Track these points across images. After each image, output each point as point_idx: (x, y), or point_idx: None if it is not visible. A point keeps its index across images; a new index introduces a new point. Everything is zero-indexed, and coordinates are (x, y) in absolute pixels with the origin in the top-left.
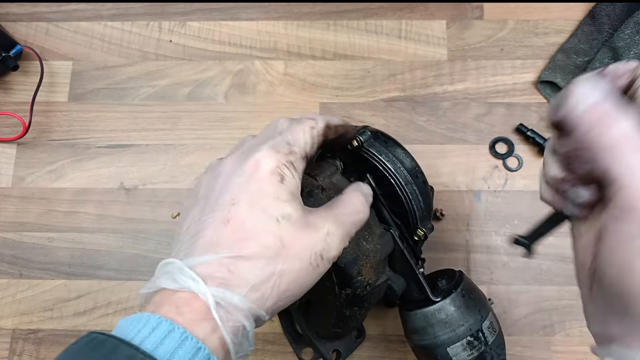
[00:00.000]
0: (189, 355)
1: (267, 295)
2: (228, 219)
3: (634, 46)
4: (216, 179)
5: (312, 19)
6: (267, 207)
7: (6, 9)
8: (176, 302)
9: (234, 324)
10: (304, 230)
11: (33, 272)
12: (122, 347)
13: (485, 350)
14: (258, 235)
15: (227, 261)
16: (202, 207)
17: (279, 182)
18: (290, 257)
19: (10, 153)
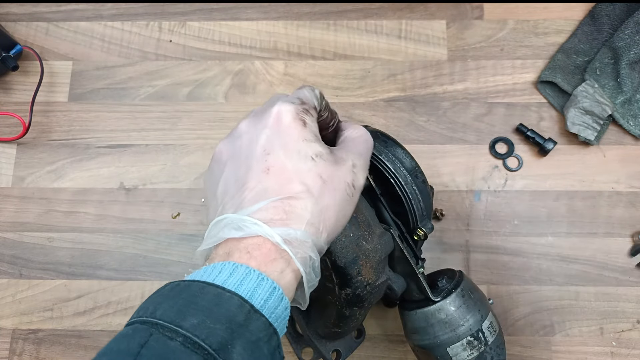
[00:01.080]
0: (266, 294)
1: (321, 228)
2: (268, 167)
3: (634, 46)
4: (238, 140)
5: (312, 19)
6: (301, 149)
7: (6, 9)
8: (246, 248)
9: (302, 256)
10: (336, 165)
11: (33, 272)
12: (208, 287)
13: (485, 350)
14: (300, 175)
15: (280, 204)
16: (233, 167)
17: (302, 126)
18: (331, 191)
19: (10, 153)
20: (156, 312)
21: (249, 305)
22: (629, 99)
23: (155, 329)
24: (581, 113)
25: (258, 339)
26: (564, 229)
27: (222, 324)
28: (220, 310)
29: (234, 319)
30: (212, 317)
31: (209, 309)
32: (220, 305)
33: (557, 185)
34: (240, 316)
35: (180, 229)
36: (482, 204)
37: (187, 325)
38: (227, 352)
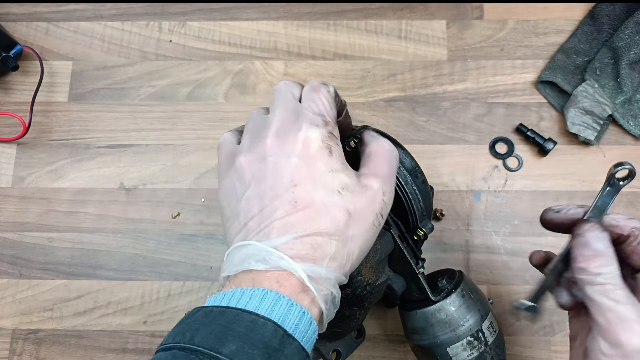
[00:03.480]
0: (297, 319)
1: (344, 262)
2: (295, 200)
3: (634, 46)
4: (261, 162)
5: (312, 19)
6: (327, 182)
7: (6, 9)
8: (275, 278)
9: (324, 293)
10: (363, 195)
11: (33, 272)
12: (243, 314)
13: (485, 350)
14: (328, 210)
15: (307, 239)
16: (258, 190)
17: (329, 155)
18: (357, 224)
19: (10, 153)
20: (194, 338)
21: (282, 330)
22: (629, 99)
23: (195, 355)
24: (581, 113)
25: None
26: None
27: (260, 349)
28: (256, 336)
29: (270, 344)
30: (249, 342)
31: (245, 335)
32: (256, 331)
33: (557, 185)
34: (275, 341)
35: (180, 229)
36: (482, 204)
37: (226, 351)
38: None
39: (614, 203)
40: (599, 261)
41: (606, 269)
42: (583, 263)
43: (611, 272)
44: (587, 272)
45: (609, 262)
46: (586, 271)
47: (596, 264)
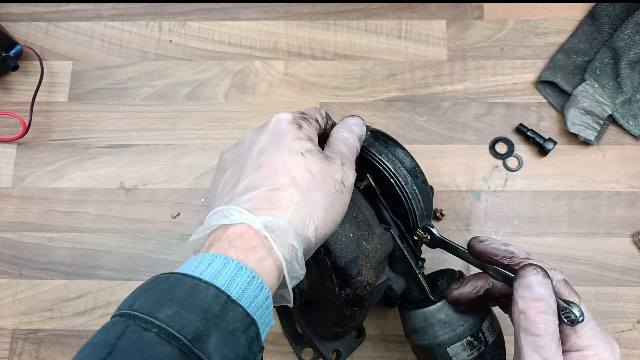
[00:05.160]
0: (244, 284)
1: (307, 220)
2: (260, 164)
3: (634, 46)
4: (240, 146)
5: (312, 19)
6: (292, 146)
7: (6, 9)
8: (228, 237)
9: (283, 244)
10: (325, 161)
11: (33, 272)
12: (185, 279)
13: (485, 350)
14: (289, 169)
15: (266, 194)
16: (233, 169)
17: (297, 129)
18: (319, 186)
19: (10, 153)
20: (134, 304)
21: (225, 295)
22: (629, 99)
23: (132, 320)
24: (581, 113)
25: (234, 329)
26: (564, 229)
27: (198, 315)
28: (195, 301)
29: (210, 310)
30: (187, 307)
31: (184, 300)
32: (196, 296)
33: (557, 185)
34: (216, 307)
35: (180, 229)
36: (482, 204)
37: (162, 316)
38: (202, 342)
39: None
40: (537, 307)
41: (544, 318)
42: (523, 306)
43: (549, 323)
44: (527, 318)
45: (548, 312)
46: (526, 317)
47: (536, 310)
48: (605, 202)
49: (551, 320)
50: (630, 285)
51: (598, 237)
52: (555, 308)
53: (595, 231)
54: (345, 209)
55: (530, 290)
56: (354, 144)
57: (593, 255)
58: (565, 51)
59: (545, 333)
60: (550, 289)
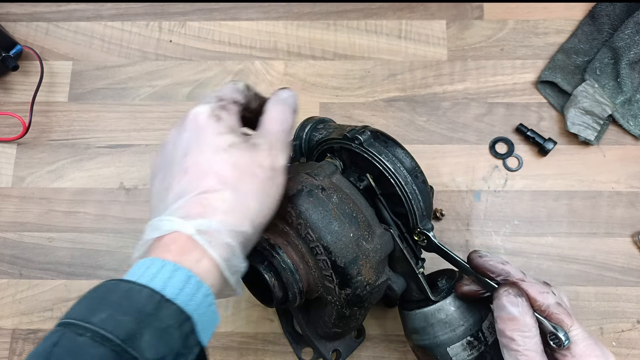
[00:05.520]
0: (181, 284)
1: (242, 216)
2: (186, 168)
3: (634, 46)
4: (164, 149)
5: (312, 19)
6: (214, 142)
7: (6, 9)
8: (163, 244)
9: (218, 244)
10: (251, 151)
11: (33, 272)
12: (120, 284)
13: (485, 350)
14: (214, 168)
15: (195, 199)
16: (162, 175)
17: (216, 122)
18: (249, 177)
19: (10, 153)
20: (72, 313)
21: (159, 295)
22: (629, 99)
23: (68, 328)
24: (581, 113)
25: (168, 326)
26: (564, 229)
27: (131, 316)
28: (129, 303)
29: (143, 310)
30: (121, 310)
31: (118, 304)
32: (130, 298)
33: (557, 185)
34: (149, 306)
35: None
36: (482, 204)
37: (95, 320)
38: (135, 341)
39: None
40: (512, 325)
41: (520, 335)
42: (500, 325)
43: (526, 339)
44: (504, 335)
45: (524, 329)
46: (503, 334)
47: (511, 328)
48: (605, 202)
49: (528, 336)
50: (630, 285)
51: (598, 237)
52: (533, 324)
53: (595, 231)
54: (281, 190)
55: (504, 310)
56: (287, 119)
57: (593, 255)
58: (565, 51)
59: (523, 349)
60: (524, 307)
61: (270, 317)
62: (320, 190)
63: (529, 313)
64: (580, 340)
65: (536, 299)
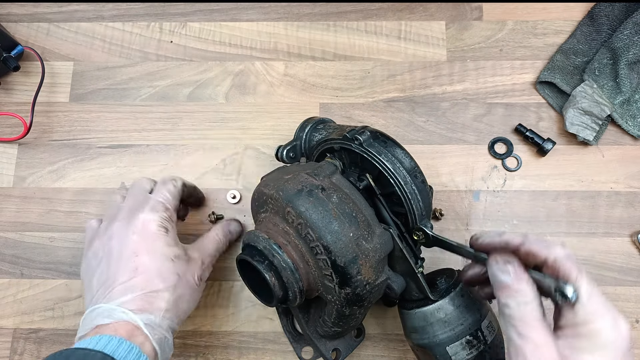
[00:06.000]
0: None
1: (175, 313)
2: (136, 267)
3: (633, 47)
4: (110, 240)
5: (312, 20)
6: (163, 252)
7: (7, 9)
8: (111, 328)
9: (158, 337)
10: (189, 264)
11: (34, 271)
12: (77, 351)
13: (485, 349)
14: (162, 274)
15: (144, 296)
16: (106, 264)
17: (165, 234)
18: (184, 284)
19: (11, 153)
20: None
21: (110, 357)
22: (628, 100)
23: None
24: (580, 113)
25: None
26: (563, 228)
27: None
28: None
29: None
30: None
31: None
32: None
33: (556, 185)
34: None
35: (180, 229)
36: (481, 203)
37: None
38: None
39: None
40: (505, 292)
41: (513, 301)
42: (495, 292)
43: (519, 305)
44: (500, 302)
45: (518, 296)
46: (499, 302)
47: (504, 294)
48: (604, 202)
49: (522, 302)
50: (629, 285)
51: (597, 237)
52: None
53: (594, 231)
54: (200, 296)
55: (495, 279)
56: (223, 244)
57: (592, 255)
58: (564, 52)
59: (518, 314)
60: (515, 273)
61: (271, 316)
62: (320, 190)
63: (522, 278)
64: (587, 300)
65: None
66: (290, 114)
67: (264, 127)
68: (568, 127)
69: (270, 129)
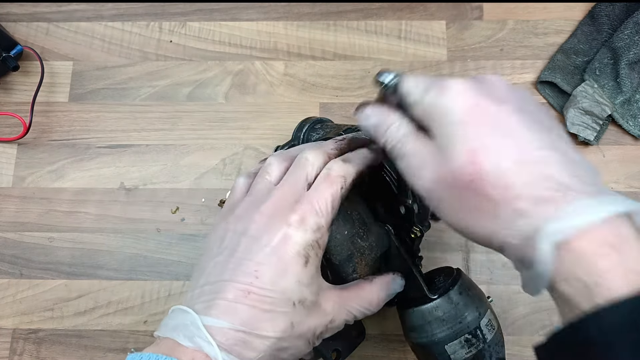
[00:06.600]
0: None
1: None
2: (249, 290)
3: (634, 46)
4: (243, 234)
5: (312, 20)
6: (287, 289)
7: (6, 9)
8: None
9: None
10: (313, 314)
11: (33, 272)
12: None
13: (484, 347)
14: (274, 316)
15: (242, 334)
16: (225, 261)
17: (303, 265)
18: (295, 337)
19: (10, 153)
20: None
21: None
22: (629, 99)
23: None
24: (580, 113)
25: None
26: None
27: None
28: None
29: None
30: None
31: None
32: None
33: None
34: None
35: (180, 229)
36: None
37: None
38: None
39: None
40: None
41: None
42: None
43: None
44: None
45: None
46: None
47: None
48: None
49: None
50: None
51: None
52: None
53: None
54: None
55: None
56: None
57: None
58: (564, 51)
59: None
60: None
61: None
62: None
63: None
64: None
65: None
66: (290, 114)
67: (264, 127)
68: (569, 127)
69: (270, 128)
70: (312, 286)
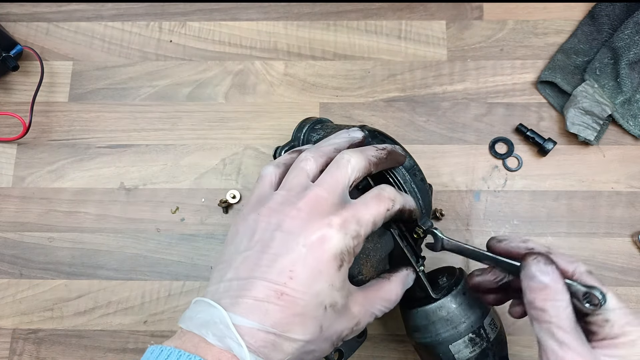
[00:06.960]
0: None
1: None
2: (282, 292)
3: (634, 46)
4: (277, 229)
5: (312, 19)
6: (320, 293)
7: (6, 9)
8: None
9: None
10: (342, 318)
11: (33, 272)
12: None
13: (487, 346)
14: (305, 319)
15: (271, 336)
16: (257, 256)
17: (337, 269)
18: (322, 340)
19: (10, 153)
20: None
21: None
22: (629, 99)
23: None
24: (581, 113)
25: None
26: (564, 229)
27: None
28: None
29: None
30: None
31: None
32: None
33: (556, 185)
34: None
35: (180, 229)
36: (481, 203)
37: None
38: None
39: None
40: (543, 295)
41: (551, 304)
42: (530, 296)
43: (557, 309)
44: (534, 306)
45: (556, 298)
46: (533, 305)
47: (541, 297)
48: (605, 202)
49: (561, 306)
50: (630, 285)
51: (598, 237)
52: (565, 293)
53: (594, 231)
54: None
55: (534, 279)
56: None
57: (593, 255)
58: (565, 51)
59: (556, 319)
60: (555, 275)
61: None
62: None
63: (560, 282)
64: (617, 308)
65: (567, 270)
66: (290, 114)
67: (264, 127)
68: (569, 127)
69: (270, 128)
70: (343, 290)
